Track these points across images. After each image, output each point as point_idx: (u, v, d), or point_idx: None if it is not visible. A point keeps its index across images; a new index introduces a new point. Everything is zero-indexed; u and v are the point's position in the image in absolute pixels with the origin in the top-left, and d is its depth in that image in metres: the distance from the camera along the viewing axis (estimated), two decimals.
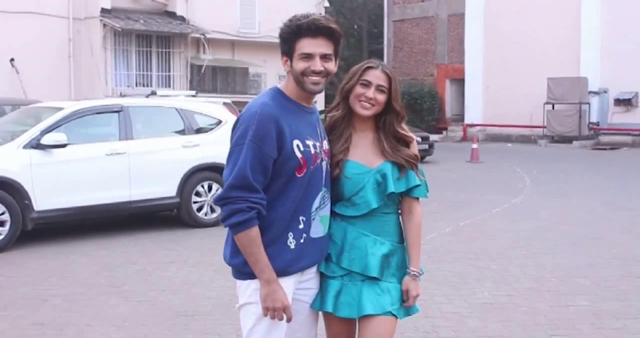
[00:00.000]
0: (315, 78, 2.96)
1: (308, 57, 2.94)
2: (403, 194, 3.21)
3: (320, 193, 3.08)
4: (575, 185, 14.95)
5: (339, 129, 3.21)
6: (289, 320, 2.98)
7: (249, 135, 2.88)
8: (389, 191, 3.13)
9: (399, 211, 3.28)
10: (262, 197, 2.91)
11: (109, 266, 7.86)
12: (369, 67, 3.17)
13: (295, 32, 2.94)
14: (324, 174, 3.10)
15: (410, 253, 3.23)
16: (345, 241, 3.15)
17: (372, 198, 3.13)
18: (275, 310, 2.93)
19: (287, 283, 3.01)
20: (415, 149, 3.25)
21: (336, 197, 3.18)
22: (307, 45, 2.94)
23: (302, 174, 2.98)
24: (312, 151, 3.01)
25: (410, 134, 3.26)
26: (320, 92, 3.05)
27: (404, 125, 3.25)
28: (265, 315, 2.94)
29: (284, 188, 2.97)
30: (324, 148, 3.12)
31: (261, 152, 2.88)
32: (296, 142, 2.95)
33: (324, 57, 2.97)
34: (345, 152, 3.16)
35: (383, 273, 3.14)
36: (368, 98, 3.13)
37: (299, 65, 2.96)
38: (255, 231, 2.90)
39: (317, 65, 2.95)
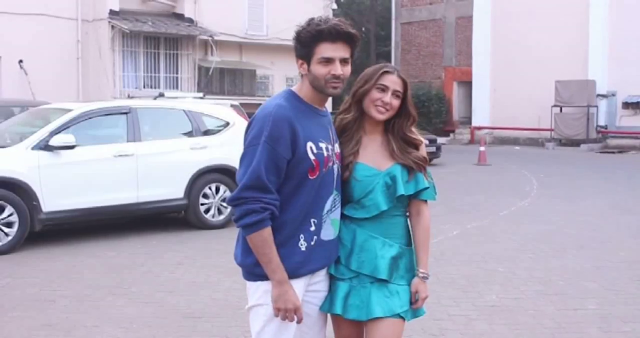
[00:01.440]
0: (334, 83, 2.97)
1: (328, 61, 2.95)
2: (411, 197, 3.22)
3: (332, 196, 3.09)
4: (583, 189, 14.92)
5: (350, 131, 3.21)
6: (299, 321, 2.98)
7: (264, 136, 2.88)
8: (399, 194, 3.13)
9: (407, 213, 3.28)
10: (276, 198, 2.91)
11: (116, 267, 7.88)
12: (386, 72, 3.17)
13: (315, 36, 2.94)
14: (335, 177, 3.10)
15: (418, 255, 3.24)
16: (354, 243, 3.15)
17: (381, 200, 3.13)
18: (286, 311, 2.93)
19: (297, 286, 3.01)
20: (424, 151, 3.26)
21: (346, 199, 3.18)
22: (326, 49, 2.95)
23: (314, 177, 2.98)
24: (325, 154, 3.01)
25: (420, 137, 3.26)
26: (339, 94, 3.06)
27: (413, 129, 3.25)
28: (277, 316, 2.95)
29: (296, 190, 2.97)
30: (336, 151, 3.12)
31: (275, 152, 2.88)
32: (309, 144, 2.96)
33: (342, 61, 2.98)
34: (355, 155, 3.16)
35: (392, 276, 3.15)
36: (385, 103, 3.13)
37: (319, 70, 2.96)
38: (267, 232, 2.90)
39: (338, 69, 2.96)
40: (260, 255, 2.93)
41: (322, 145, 3.01)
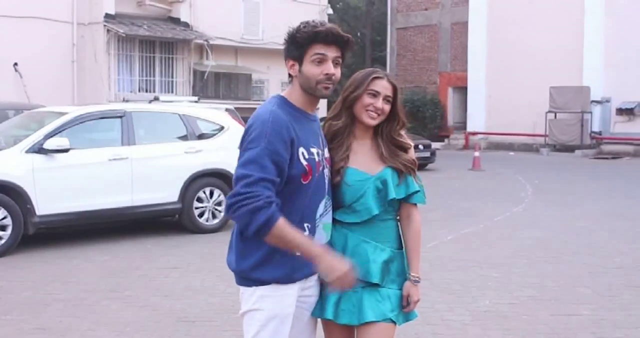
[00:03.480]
0: (326, 84, 2.97)
1: (321, 60, 2.95)
2: (402, 200, 3.23)
3: (324, 200, 3.09)
4: (577, 194, 14.94)
5: (341, 137, 3.21)
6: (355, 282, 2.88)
7: (264, 141, 2.85)
8: (390, 197, 3.14)
9: (398, 217, 3.29)
10: (274, 194, 2.85)
11: (111, 271, 7.87)
12: (377, 77, 3.17)
13: (311, 37, 2.94)
14: (326, 181, 3.11)
15: (410, 259, 3.24)
16: (346, 248, 3.16)
17: (373, 204, 3.14)
18: (345, 276, 2.83)
19: (292, 290, 3.02)
20: (413, 154, 3.26)
21: (337, 204, 3.18)
22: (320, 49, 2.96)
23: (307, 181, 2.98)
24: (317, 159, 3.02)
25: (409, 141, 3.27)
26: (328, 96, 3.06)
27: (402, 133, 3.26)
28: (339, 289, 2.86)
29: (291, 195, 2.96)
30: (326, 155, 3.13)
31: (277, 155, 2.86)
32: (301, 149, 2.96)
33: (335, 62, 2.98)
34: (346, 160, 3.17)
35: (384, 280, 3.16)
36: (377, 108, 3.14)
37: (312, 69, 2.96)
38: (282, 222, 2.81)
39: (331, 68, 2.96)
40: (288, 245, 2.85)
41: (314, 150, 3.02)
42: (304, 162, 2.96)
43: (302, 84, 3.01)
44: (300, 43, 2.97)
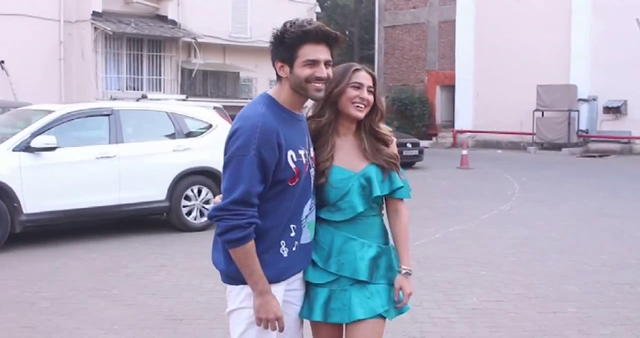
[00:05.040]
0: (318, 84, 2.95)
1: (313, 63, 2.93)
2: (387, 196, 3.24)
3: (310, 201, 3.10)
4: (564, 193, 15.01)
5: (325, 136, 3.19)
6: (281, 330, 2.98)
7: (253, 149, 2.84)
8: (375, 195, 3.14)
9: (383, 213, 3.29)
10: (256, 210, 2.90)
11: (98, 270, 7.84)
12: (357, 70, 3.18)
13: (300, 37, 2.91)
14: (312, 181, 3.11)
15: (400, 253, 3.24)
16: (332, 246, 3.16)
17: (357, 202, 3.14)
18: (268, 321, 2.93)
19: (279, 289, 3.02)
20: (394, 148, 3.26)
21: (321, 203, 3.18)
22: (311, 51, 2.92)
23: (294, 183, 2.98)
24: (304, 160, 3.01)
25: (390, 135, 3.27)
26: (321, 98, 3.05)
27: (382, 125, 3.26)
28: (259, 325, 2.95)
29: (278, 197, 2.96)
30: (311, 155, 3.12)
31: (264, 164, 2.86)
32: (290, 152, 2.94)
33: (326, 63, 2.97)
34: (331, 160, 3.16)
35: (373, 276, 3.16)
36: (363, 99, 3.13)
37: (303, 71, 2.93)
38: (251, 244, 2.88)
39: (323, 71, 2.94)
40: (243, 266, 2.91)
41: (301, 152, 3.01)
42: (293, 166, 2.95)
43: (293, 85, 2.98)
44: (289, 44, 2.93)
